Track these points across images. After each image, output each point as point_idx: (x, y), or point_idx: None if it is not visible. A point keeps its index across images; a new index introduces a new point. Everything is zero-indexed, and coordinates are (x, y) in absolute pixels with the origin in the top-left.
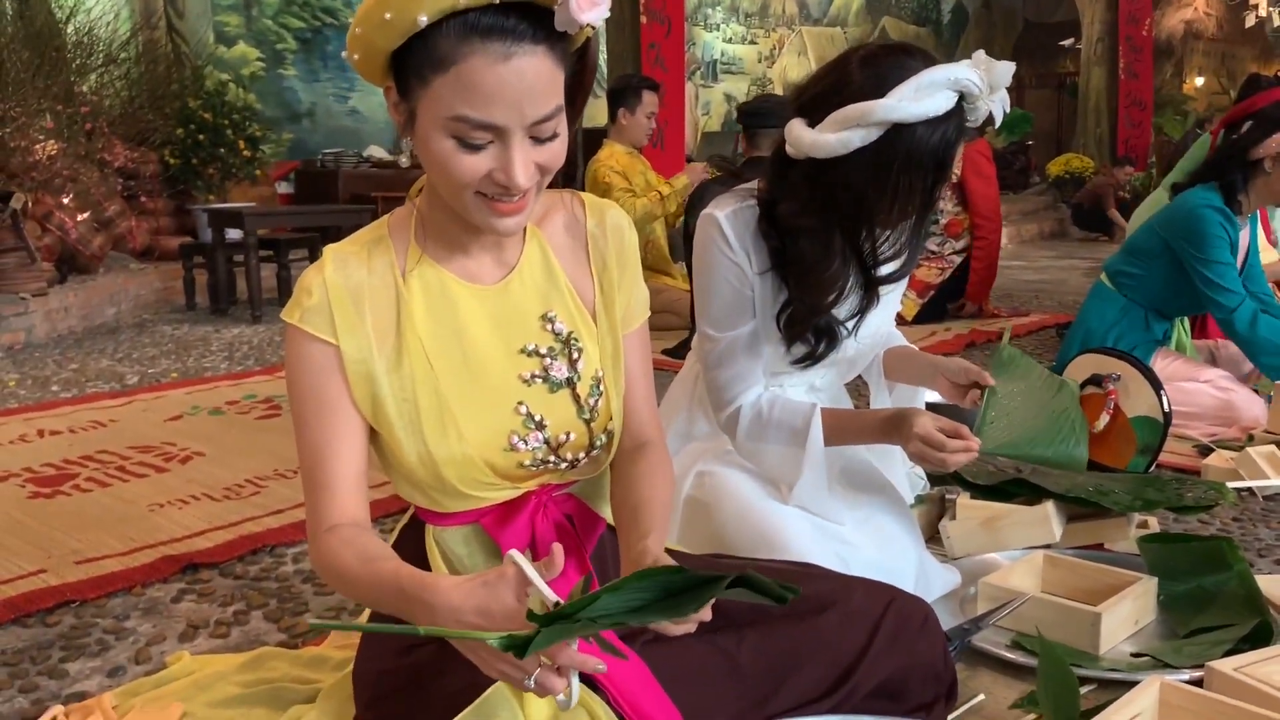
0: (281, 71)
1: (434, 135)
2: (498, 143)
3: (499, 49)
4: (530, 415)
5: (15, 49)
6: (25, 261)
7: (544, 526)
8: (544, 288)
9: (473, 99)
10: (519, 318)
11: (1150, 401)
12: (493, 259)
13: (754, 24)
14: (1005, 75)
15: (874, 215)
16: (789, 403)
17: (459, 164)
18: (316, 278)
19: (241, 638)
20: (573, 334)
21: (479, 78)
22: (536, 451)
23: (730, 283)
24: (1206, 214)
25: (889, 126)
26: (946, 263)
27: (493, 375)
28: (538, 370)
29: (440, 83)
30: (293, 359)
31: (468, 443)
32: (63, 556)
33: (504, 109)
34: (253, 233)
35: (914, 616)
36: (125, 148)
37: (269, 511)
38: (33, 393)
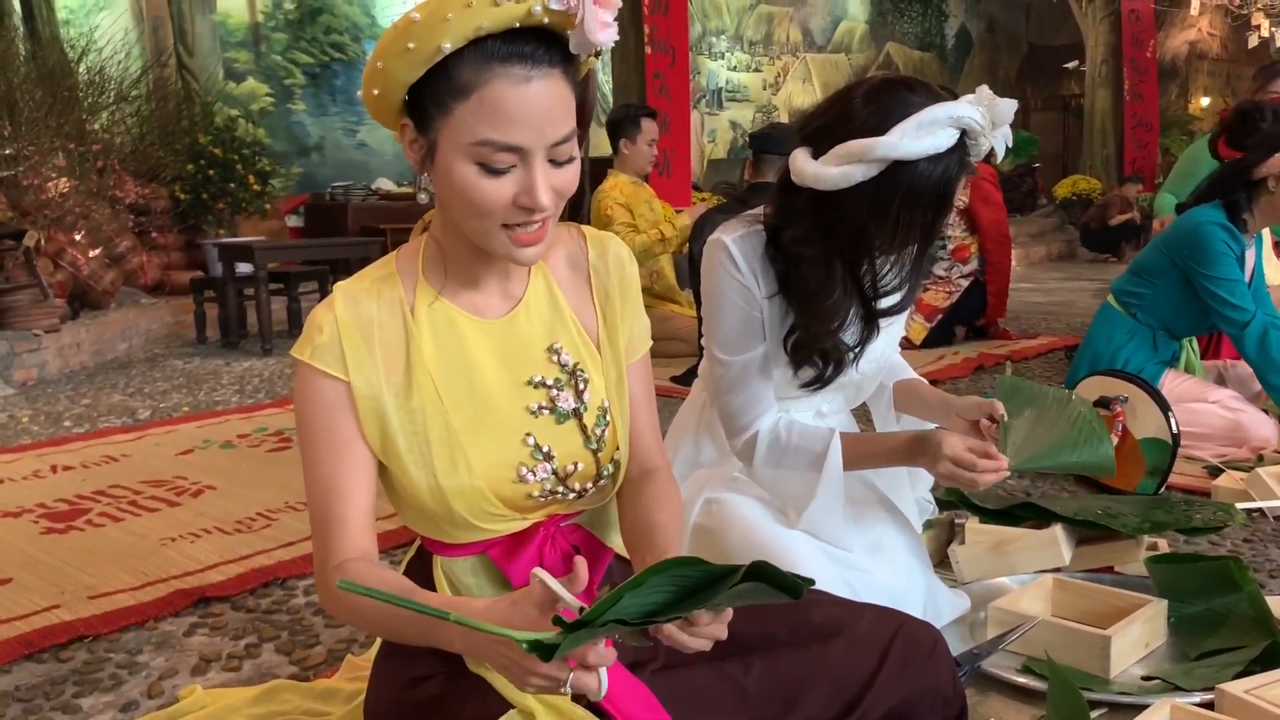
0: (290, 106)
1: (457, 163)
2: (520, 166)
3: (519, 72)
4: (538, 446)
5: (29, 89)
6: (38, 298)
7: (552, 558)
8: (549, 320)
9: (495, 122)
10: (525, 350)
11: (1158, 423)
12: (500, 293)
13: (758, 52)
14: (1007, 112)
15: (874, 248)
16: (806, 428)
17: (483, 190)
18: (327, 315)
19: (253, 671)
20: (578, 365)
21: (501, 101)
22: (545, 482)
23: (740, 306)
24: (1211, 229)
25: (890, 163)
26: (954, 287)
27: (500, 408)
28: (544, 402)
29: (463, 109)
30: (302, 395)
31: (477, 475)
32: (76, 592)
33: (526, 130)
34: (263, 266)
35: (923, 642)
36: (136, 184)
37: (280, 544)
38: (45, 428)
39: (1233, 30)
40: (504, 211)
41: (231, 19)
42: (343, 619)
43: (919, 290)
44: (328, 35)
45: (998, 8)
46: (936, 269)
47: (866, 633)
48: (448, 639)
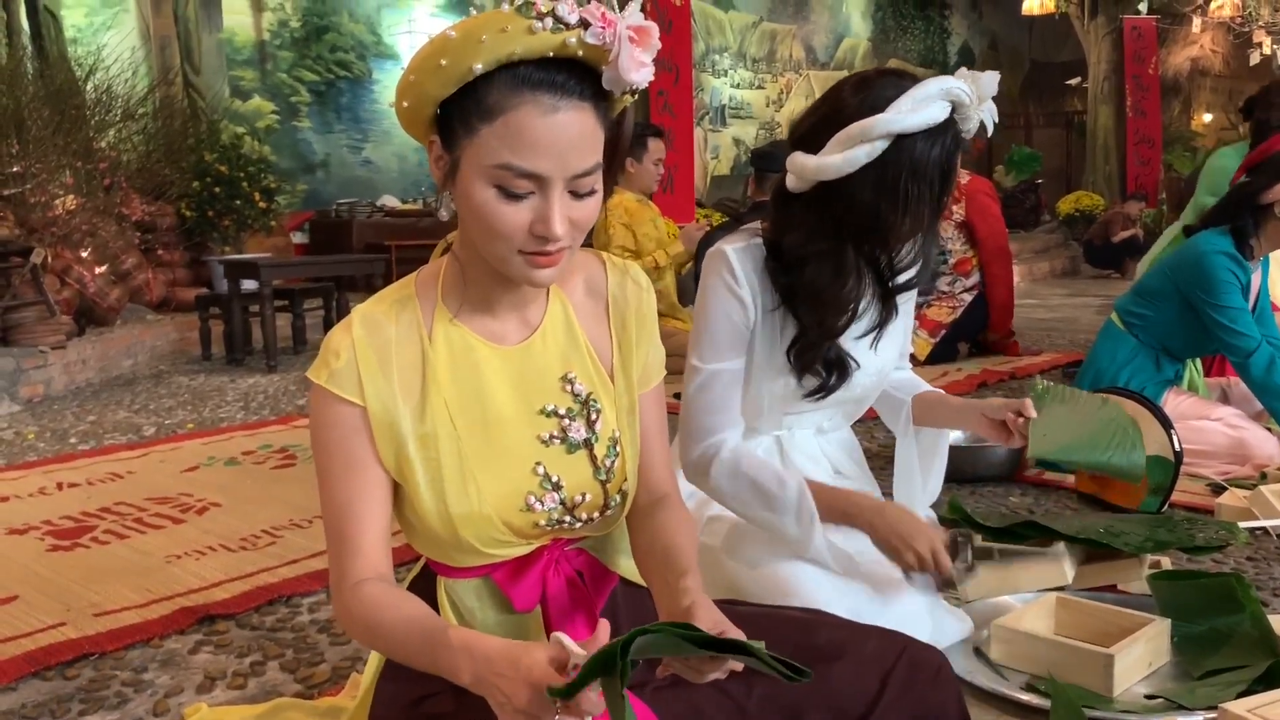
0: (296, 124)
1: (476, 185)
2: (538, 194)
3: (547, 101)
4: (547, 476)
5: (37, 107)
6: (45, 315)
7: (555, 583)
8: (565, 348)
9: (518, 147)
10: (540, 378)
11: (1161, 441)
12: (518, 319)
13: (761, 69)
14: (991, 86)
15: (888, 228)
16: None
17: (500, 214)
18: (344, 338)
19: (258, 689)
20: (591, 395)
21: (526, 127)
22: (552, 512)
23: (729, 317)
24: (1216, 259)
25: (891, 140)
26: (958, 301)
27: (512, 436)
28: (556, 431)
29: (488, 132)
30: (318, 419)
31: (486, 502)
32: (82, 609)
33: (548, 159)
34: (268, 283)
35: (927, 665)
36: (142, 201)
37: (284, 562)
38: (51, 445)
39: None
40: (520, 237)
41: (238, 37)
42: (357, 639)
43: (933, 264)
44: (333, 53)
45: (1000, 25)
46: (939, 284)
47: (871, 656)
48: (454, 669)
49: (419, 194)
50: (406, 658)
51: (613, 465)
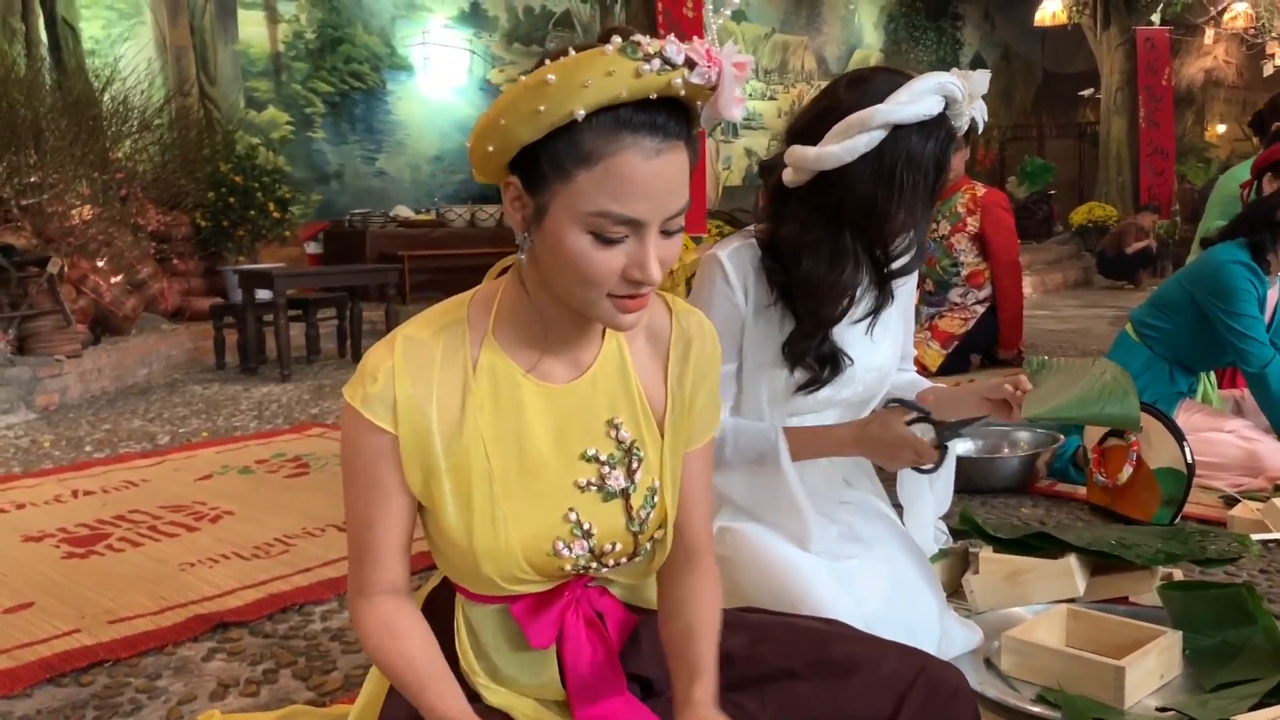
0: (310, 134)
1: (570, 231)
2: (633, 237)
3: (651, 145)
4: (579, 522)
5: (54, 118)
6: (61, 324)
7: (574, 623)
8: (615, 393)
9: (620, 194)
10: (584, 420)
11: (1173, 453)
12: (569, 359)
13: (773, 80)
14: (982, 84)
15: (884, 216)
16: (748, 426)
17: (594, 261)
18: (384, 361)
19: (271, 696)
20: (636, 443)
21: (630, 173)
22: (579, 558)
23: (722, 321)
24: (1233, 269)
25: (889, 130)
26: (970, 313)
27: (548, 478)
28: (594, 478)
29: (585, 177)
30: (348, 438)
31: (513, 542)
32: (96, 616)
33: (648, 204)
34: (282, 293)
35: (945, 684)
36: (158, 211)
37: (297, 570)
38: (67, 453)
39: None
40: (612, 282)
41: (253, 48)
42: (366, 650)
43: (926, 250)
44: (347, 64)
45: (1013, 36)
46: (952, 295)
47: (888, 674)
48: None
49: (432, 204)
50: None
51: (647, 516)
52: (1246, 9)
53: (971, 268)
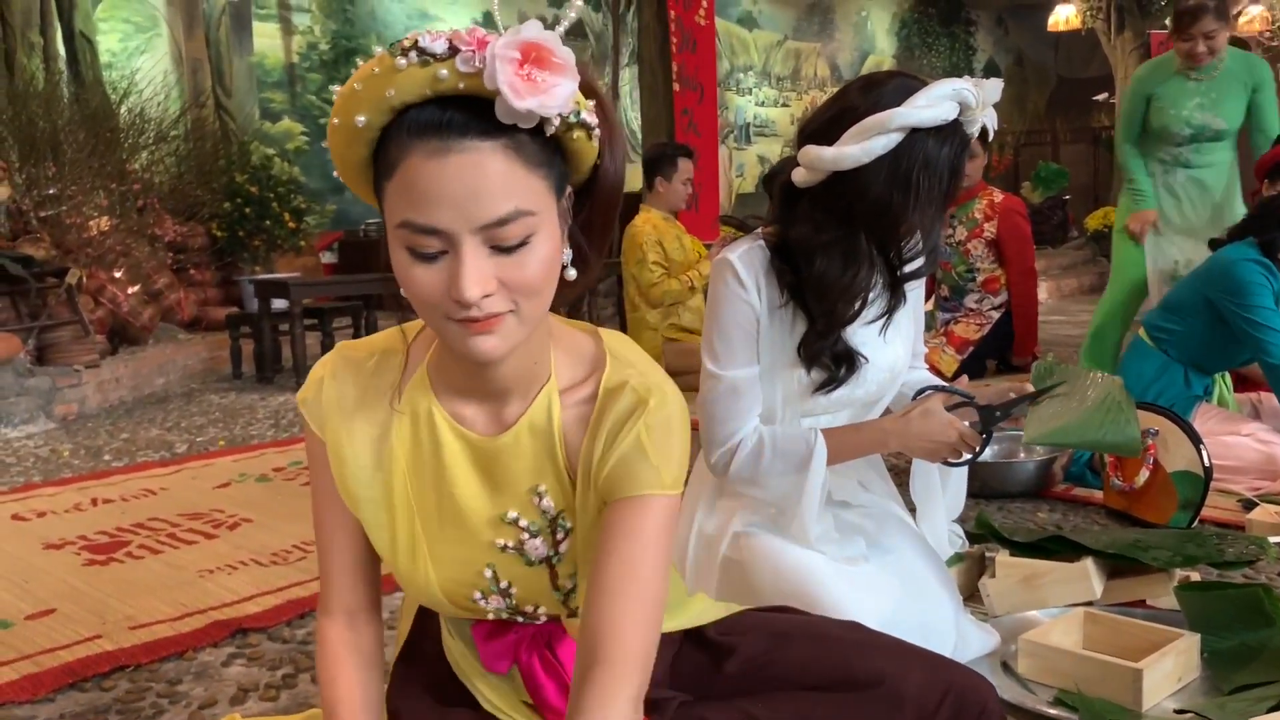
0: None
1: (394, 250)
2: (450, 253)
3: (435, 144)
4: (496, 579)
5: (72, 130)
6: (79, 334)
7: (526, 656)
8: (540, 459)
9: (413, 201)
10: (505, 481)
11: (1190, 456)
12: (490, 411)
13: (786, 87)
14: (994, 92)
15: (898, 218)
16: (789, 433)
17: (414, 279)
18: (319, 372)
19: (290, 700)
20: (562, 514)
21: (416, 176)
22: (500, 611)
23: (739, 324)
24: (1246, 265)
25: (906, 133)
26: (985, 319)
27: (467, 529)
28: (513, 543)
29: (390, 189)
30: (306, 434)
31: (433, 583)
32: (117, 622)
33: (445, 210)
34: (298, 302)
35: (971, 706)
36: (175, 222)
37: (315, 576)
38: (86, 462)
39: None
40: (442, 303)
41: (268, 60)
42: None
43: (940, 253)
44: None
45: (1026, 41)
46: (967, 301)
47: (914, 694)
48: None
49: None
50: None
51: (573, 588)
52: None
53: (987, 273)
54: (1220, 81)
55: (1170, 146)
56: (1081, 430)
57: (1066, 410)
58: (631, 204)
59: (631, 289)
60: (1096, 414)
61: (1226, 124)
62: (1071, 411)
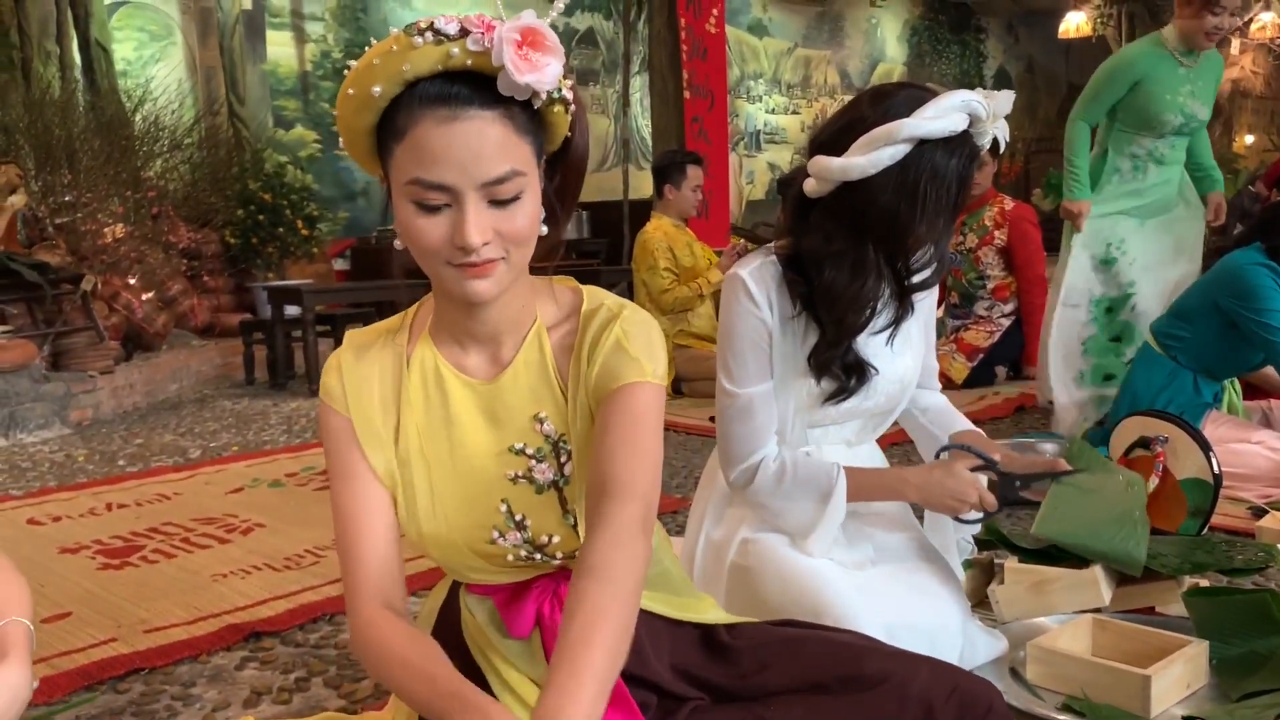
0: (337, 153)
1: (400, 204)
2: (454, 205)
3: (444, 113)
4: (511, 513)
5: (88, 138)
6: (94, 340)
7: (550, 614)
8: (537, 388)
9: (423, 161)
10: (510, 416)
11: (1199, 463)
12: (488, 355)
13: (796, 94)
14: (1005, 104)
15: (906, 229)
16: (811, 463)
17: (419, 229)
18: (335, 361)
19: (303, 703)
20: (563, 437)
21: (426, 139)
22: (518, 549)
23: (752, 340)
24: (1255, 269)
25: (914, 144)
26: (995, 326)
27: (478, 469)
28: (523, 471)
29: (399, 150)
30: (323, 432)
31: (454, 530)
32: (132, 626)
33: (452, 169)
34: (310, 309)
35: (978, 704)
36: (188, 229)
37: (328, 580)
38: (101, 467)
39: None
40: (444, 250)
41: (281, 68)
42: (368, 668)
43: (948, 263)
44: None
45: (1037, 48)
46: (978, 308)
47: (919, 690)
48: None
49: None
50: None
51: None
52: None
53: (997, 281)
54: (1204, 69)
55: (1152, 138)
56: (1090, 538)
57: (1082, 509)
58: (643, 211)
59: (642, 295)
60: (1110, 526)
61: (1208, 115)
62: (1087, 512)
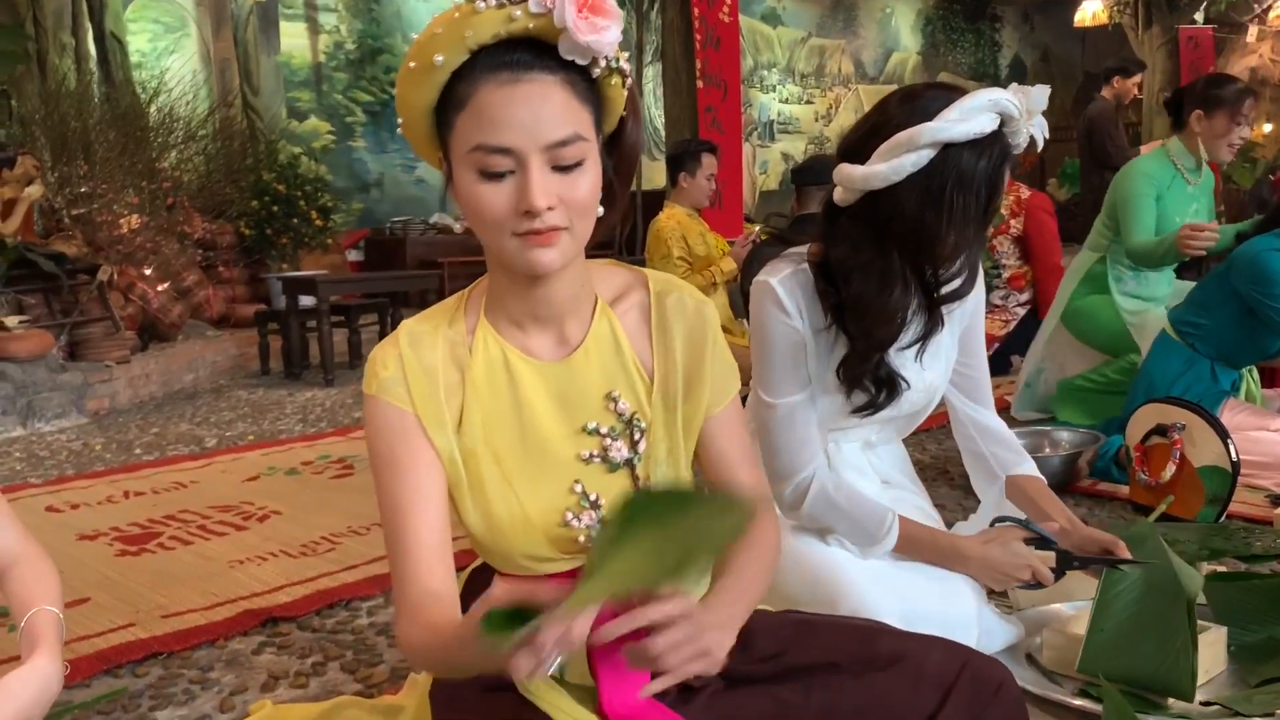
0: (351, 144)
1: (462, 174)
2: (518, 171)
3: (506, 77)
4: (585, 494)
5: (103, 130)
6: (110, 331)
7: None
8: (610, 367)
9: (485, 125)
10: (581, 396)
11: (1217, 451)
12: (554, 335)
13: (810, 84)
14: (1041, 99)
15: (933, 238)
16: (861, 497)
17: (483, 197)
18: (391, 351)
19: (319, 688)
20: (636, 415)
21: (488, 104)
22: (590, 530)
23: (785, 349)
24: (1273, 255)
25: (938, 149)
26: (1011, 315)
27: (550, 452)
28: (596, 450)
29: (461, 119)
30: (371, 427)
31: (529, 516)
32: (150, 611)
33: (515, 131)
34: (325, 299)
35: (989, 681)
36: (203, 220)
37: (344, 567)
38: (117, 456)
39: None
40: (509, 219)
41: (295, 59)
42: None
43: (977, 273)
44: (387, 74)
45: (1052, 37)
46: (993, 298)
47: (934, 668)
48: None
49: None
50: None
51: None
52: None
53: (1013, 270)
54: (1205, 185)
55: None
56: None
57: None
58: (655, 201)
59: None
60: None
61: None
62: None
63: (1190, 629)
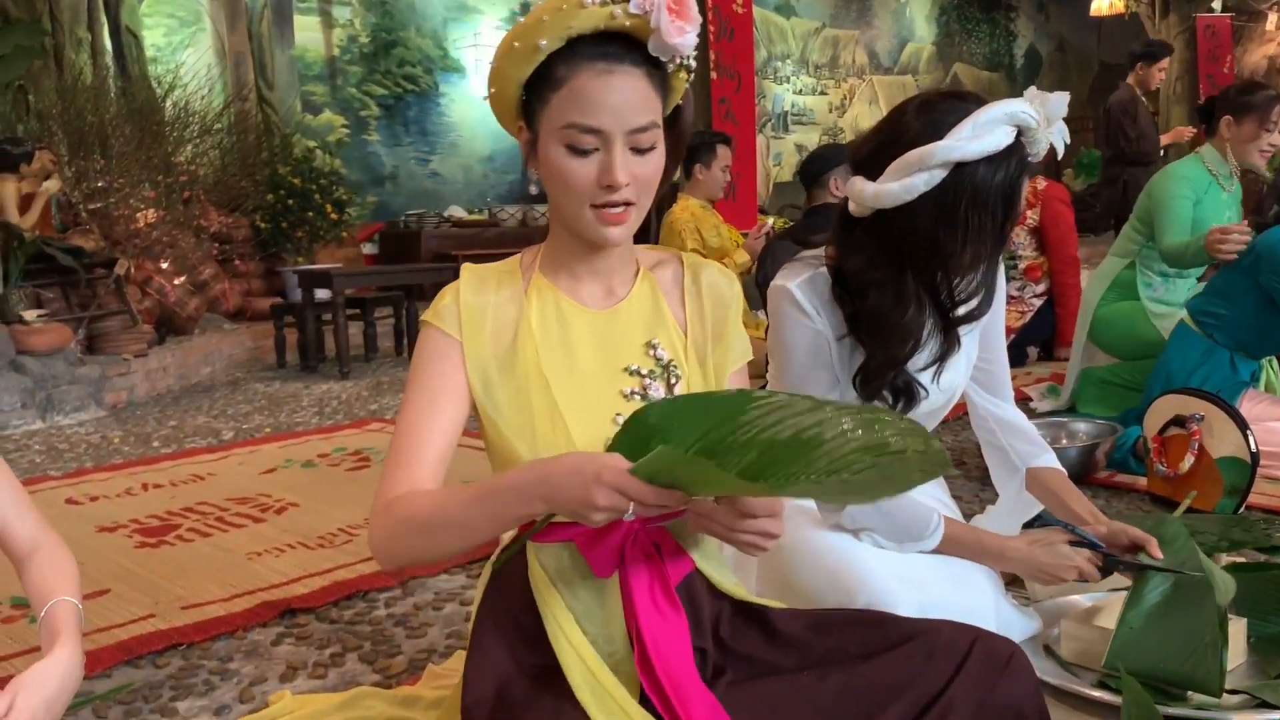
0: (366, 137)
1: (551, 147)
2: (602, 150)
3: (602, 66)
4: None
5: (119, 124)
6: (128, 324)
7: (633, 553)
8: (650, 319)
9: (580, 107)
10: (624, 341)
11: (1236, 441)
12: (603, 289)
13: (824, 75)
14: (1060, 106)
15: (948, 257)
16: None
17: (570, 169)
18: (452, 288)
19: (338, 679)
20: (673, 362)
21: (585, 88)
22: None
23: (810, 352)
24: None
25: (951, 167)
26: (1027, 306)
27: (595, 387)
28: (637, 388)
29: (556, 99)
30: (419, 350)
31: (573, 438)
32: (169, 602)
33: (606, 115)
34: (340, 292)
35: (999, 654)
36: (219, 214)
37: (361, 559)
38: (136, 448)
39: None
40: (589, 190)
41: (309, 53)
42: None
43: (995, 293)
44: (401, 68)
45: (1068, 27)
46: (1009, 289)
47: (944, 643)
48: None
49: (484, 205)
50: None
51: None
52: None
53: (1029, 261)
54: (1237, 192)
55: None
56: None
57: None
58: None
59: None
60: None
61: None
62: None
63: (1221, 630)
